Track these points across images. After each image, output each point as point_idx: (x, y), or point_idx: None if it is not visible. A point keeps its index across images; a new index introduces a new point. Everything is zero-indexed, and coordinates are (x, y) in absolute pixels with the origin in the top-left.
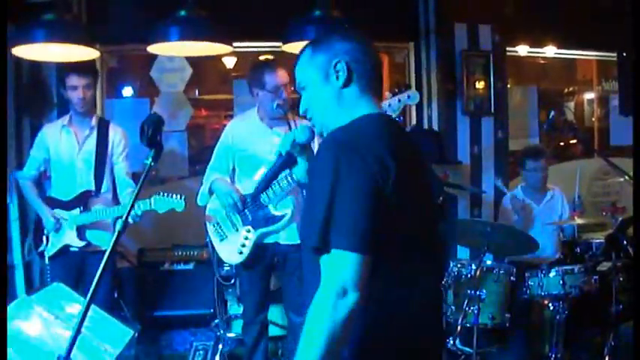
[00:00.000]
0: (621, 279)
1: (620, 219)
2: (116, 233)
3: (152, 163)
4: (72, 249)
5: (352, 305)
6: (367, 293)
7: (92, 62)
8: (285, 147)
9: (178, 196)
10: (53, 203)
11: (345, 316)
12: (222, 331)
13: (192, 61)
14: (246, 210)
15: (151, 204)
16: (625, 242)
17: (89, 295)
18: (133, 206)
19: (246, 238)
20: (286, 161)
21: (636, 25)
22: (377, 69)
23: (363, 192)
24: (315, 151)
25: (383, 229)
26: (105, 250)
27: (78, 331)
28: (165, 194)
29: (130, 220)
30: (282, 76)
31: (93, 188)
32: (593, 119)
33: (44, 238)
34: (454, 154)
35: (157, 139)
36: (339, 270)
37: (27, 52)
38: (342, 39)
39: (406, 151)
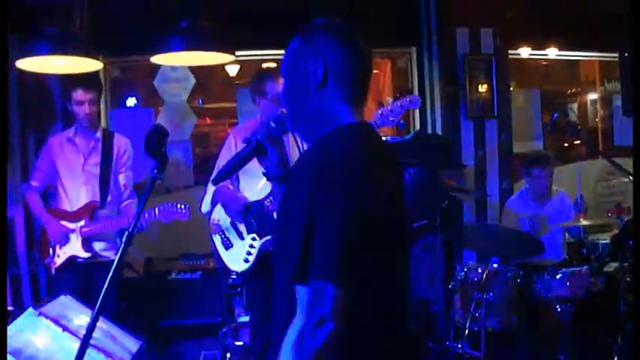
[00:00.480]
0: (628, 279)
1: (626, 219)
2: (123, 244)
3: (157, 175)
4: (78, 260)
5: (330, 334)
6: (345, 322)
7: (97, 76)
8: (257, 134)
9: (182, 206)
10: (59, 215)
11: (322, 345)
12: (230, 340)
13: (196, 70)
14: (251, 218)
15: (155, 214)
16: (631, 243)
17: (97, 307)
18: (139, 217)
19: (252, 246)
20: (255, 150)
21: (636, 26)
22: (361, 77)
23: (343, 221)
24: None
25: (359, 254)
26: (111, 261)
27: (86, 342)
28: (170, 204)
29: (134, 230)
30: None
31: (98, 199)
32: (597, 120)
33: (50, 249)
34: (458, 158)
35: (161, 150)
36: (318, 301)
37: (30, 64)
38: (331, 38)
39: (385, 165)
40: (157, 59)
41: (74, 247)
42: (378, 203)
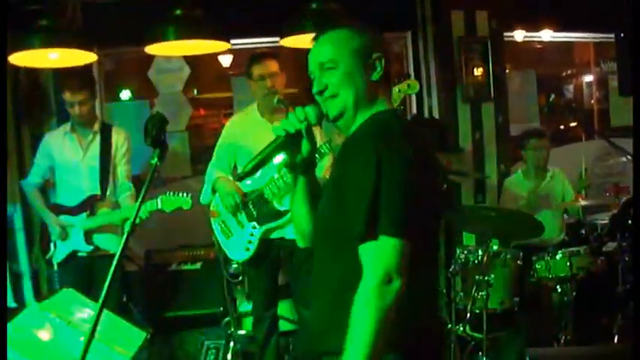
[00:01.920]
0: (627, 259)
1: (624, 199)
2: (125, 235)
3: (158, 163)
4: (80, 254)
5: (397, 291)
6: (408, 279)
7: (88, 75)
8: (293, 125)
9: (185, 194)
10: (59, 210)
11: (391, 303)
12: (232, 329)
13: (190, 60)
14: (250, 206)
15: (158, 204)
16: (629, 222)
17: (101, 299)
18: (140, 208)
19: (252, 235)
20: (285, 143)
21: (636, 7)
22: (390, 64)
23: (405, 182)
24: (320, 138)
25: (418, 216)
26: (113, 254)
27: (92, 336)
28: (172, 193)
29: (137, 220)
30: (269, 65)
31: (99, 193)
32: (592, 101)
33: (51, 244)
34: (456, 141)
35: (161, 139)
36: (385, 257)
37: (23, 59)
38: (377, 32)
39: (421, 145)
40: (151, 49)
41: (76, 242)
42: (422, 173)
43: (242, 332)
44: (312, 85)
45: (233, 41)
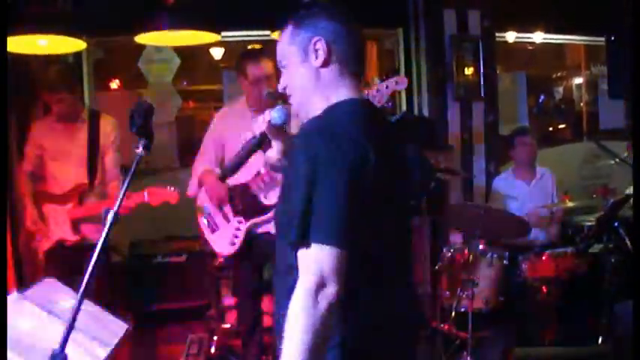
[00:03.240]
0: (613, 260)
1: (611, 201)
2: (108, 224)
3: (143, 152)
4: (66, 243)
5: (332, 297)
6: (345, 287)
7: (66, 74)
8: (260, 127)
9: (172, 188)
10: (47, 198)
11: (325, 309)
12: (216, 323)
13: (181, 51)
14: (236, 200)
15: (144, 197)
16: (616, 224)
17: (82, 289)
18: (123, 197)
19: (238, 229)
20: (259, 143)
21: (636, 8)
22: (360, 53)
23: (343, 184)
24: (292, 133)
25: (361, 222)
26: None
27: (71, 326)
28: (159, 187)
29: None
30: (265, 67)
31: (87, 181)
32: (582, 104)
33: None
34: (445, 139)
35: (147, 127)
36: (318, 264)
37: (12, 45)
38: (326, 17)
39: (386, 140)
40: (141, 39)
41: (62, 230)
42: (379, 170)
43: (226, 326)
44: None
45: (224, 33)
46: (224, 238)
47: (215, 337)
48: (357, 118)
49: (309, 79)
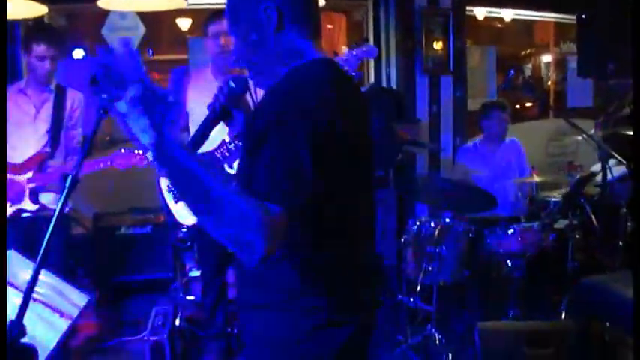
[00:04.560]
0: (577, 236)
1: (577, 177)
2: (66, 189)
3: (102, 115)
4: (25, 214)
5: (262, 251)
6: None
7: (58, 30)
8: (219, 99)
9: (140, 152)
10: (6, 168)
11: (242, 246)
12: (181, 295)
13: (146, 19)
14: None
15: (111, 162)
16: (582, 200)
17: (39, 259)
18: (83, 160)
19: None
20: (220, 115)
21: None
22: (314, 12)
23: (306, 142)
24: (252, 103)
25: (325, 180)
26: (63, 219)
27: (28, 296)
28: (126, 150)
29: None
30: (224, 24)
31: (48, 150)
32: (549, 82)
33: None
34: (413, 112)
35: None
36: (273, 222)
37: None
38: None
39: (353, 100)
40: (103, 3)
41: (20, 200)
42: (345, 129)
43: (191, 298)
44: None
45: (190, 1)
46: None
47: (179, 309)
48: (323, 77)
49: (263, 46)
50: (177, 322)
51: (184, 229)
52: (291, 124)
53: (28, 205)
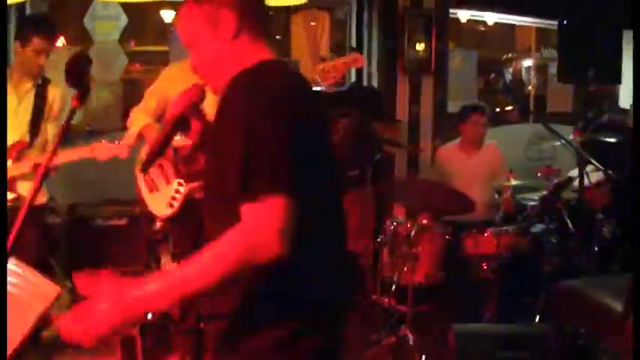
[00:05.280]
0: (553, 241)
1: (555, 181)
2: (38, 178)
3: (78, 104)
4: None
5: (270, 256)
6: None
7: (53, 21)
8: (177, 109)
9: (120, 142)
10: None
11: (255, 260)
12: None
13: (128, 9)
14: (179, 162)
15: (90, 152)
16: (558, 205)
17: (7, 248)
18: (56, 149)
19: (177, 192)
20: (178, 124)
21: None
22: (265, 15)
23: (282, 132)
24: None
25: (303, 172)
26: (38, 204)
27: None
28: (107, 141)
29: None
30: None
31: (27, 139)
32: (530, 87)
33: None
34: (393, 112)
35: (82, 80)
36: (268, 217)
37: None
38: None
39: (312, 101)
40: None
41: None
42: (311, 130)
43: None
44: None
45: None
46: (162, 199)
47: None
48: (284, 74)
49: (222, 52)
50: (148, 316)
51: (159, 222)
52: (267, 119)
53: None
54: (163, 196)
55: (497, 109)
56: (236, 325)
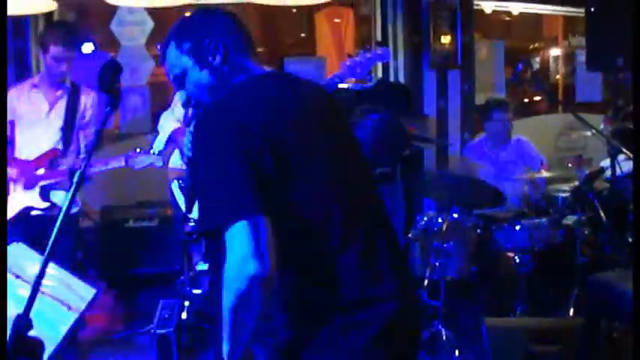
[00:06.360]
0: (586, 232)
1: (586, 172)
2: (74, 184)
3: (110, 111)
4: (34, 212)
5: (252, 274)
6: (278, 256)
7: (76, 29)
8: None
9: (155, 152)
10: (17, 165)
11: (244, 286)
12: (188, 289)
13: (154, 14)
14: None
15: (125, 162)
16: (591, 195)
17: (47, 252)
18: (90, 156)
19: None
20: None
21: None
22: (248, 34)
23: (238, 159)
24: None
25: (280, 189)
26: (71, 214)
27: (36, 289)
28: (142, 151)
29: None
30: None
31: (60, 148)
32: (558, 76)
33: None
34: (420, 107)
35: (114, 86)
36: (238, 241)
37: None
38: (207, 17)
39: (306, 108)
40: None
41: (30, 197)
42: (294, 139)
43: (197, 292)
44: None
45: None
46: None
47: (187, 303)
48: (259, 91)
49: (214, 79)
50: (184, 315)
51: (192, 223)
52: (215, 147)
53: (37, 202)
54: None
55: (526, 100)
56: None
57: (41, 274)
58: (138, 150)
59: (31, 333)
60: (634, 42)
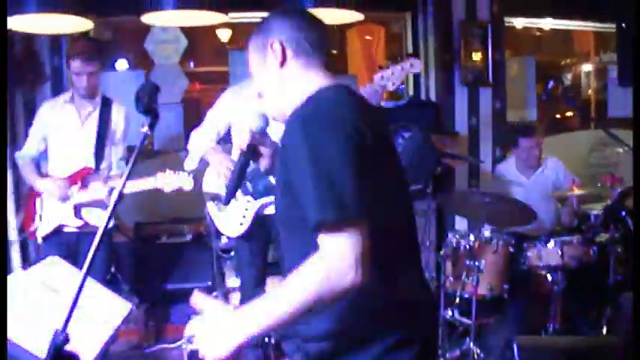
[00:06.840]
0: (619, 250)
1: (619, 190)
2: (112, 203)
3: (148, 131)
4: (67, 229)
5: (347, 286)
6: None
7: (98, 44)
8: (245, 139)
9: (186, 174)
10: (51, 181)
11: (331, 294)
12: None
13: (187, 33)
14: (245, 180)
15: (156, 183)
16: (623, 213)
17: (86, 266)
18: (129, 175)
19: (246, 209)
20: (249, 156)
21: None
22: (321, 42)
23: (348, 158)
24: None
25: (373, 197)
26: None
27: (74, 305)
28: (172, 173)
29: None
30: None
31: (93, 165)
32: (590, 92)
33: (36, 217)
34: (451, 124)
35: (152, 106)
36: (340, 246)
37: (18, 23)
38: (279, 17)
39: (374, 120)
40: (147, 18)
41: (64, 215)
42: (374, 147)
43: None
44: None
45: (231, 14)
46: (232, 217)
47: None
48: (341, 99)
49: (274, 80)
50: None
51: (225, 239)
52: (331, 146)
53: (71, 220)
54: (233, 214)
55: (557, 116)
56: (332, 345)
57: (80, 289)
58: (167, 172)
59: (68, 347)
60: (634, 46)
